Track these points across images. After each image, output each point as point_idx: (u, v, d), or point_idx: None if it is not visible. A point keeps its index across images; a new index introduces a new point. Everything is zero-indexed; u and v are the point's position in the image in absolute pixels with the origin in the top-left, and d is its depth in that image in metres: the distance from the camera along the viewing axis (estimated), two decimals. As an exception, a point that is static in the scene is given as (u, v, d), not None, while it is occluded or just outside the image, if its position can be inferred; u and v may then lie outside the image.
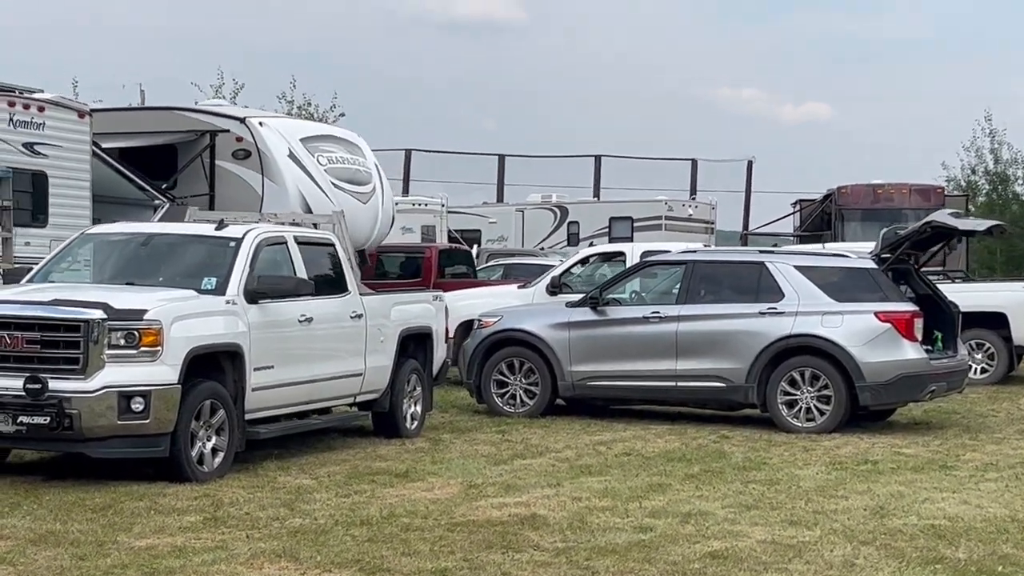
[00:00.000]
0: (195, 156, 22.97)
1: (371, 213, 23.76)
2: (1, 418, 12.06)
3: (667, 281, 18.49)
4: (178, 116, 23.55)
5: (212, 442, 12.81)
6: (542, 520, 10.97)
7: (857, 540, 10.43)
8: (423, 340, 16.66)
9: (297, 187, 22.52)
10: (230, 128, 22.93)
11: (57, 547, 9.69)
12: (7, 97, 18.56)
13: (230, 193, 22.70)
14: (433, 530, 10.52)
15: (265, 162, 22.59)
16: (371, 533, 10.36)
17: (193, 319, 12.66)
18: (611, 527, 10.77)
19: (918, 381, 17.01)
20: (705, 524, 10.94)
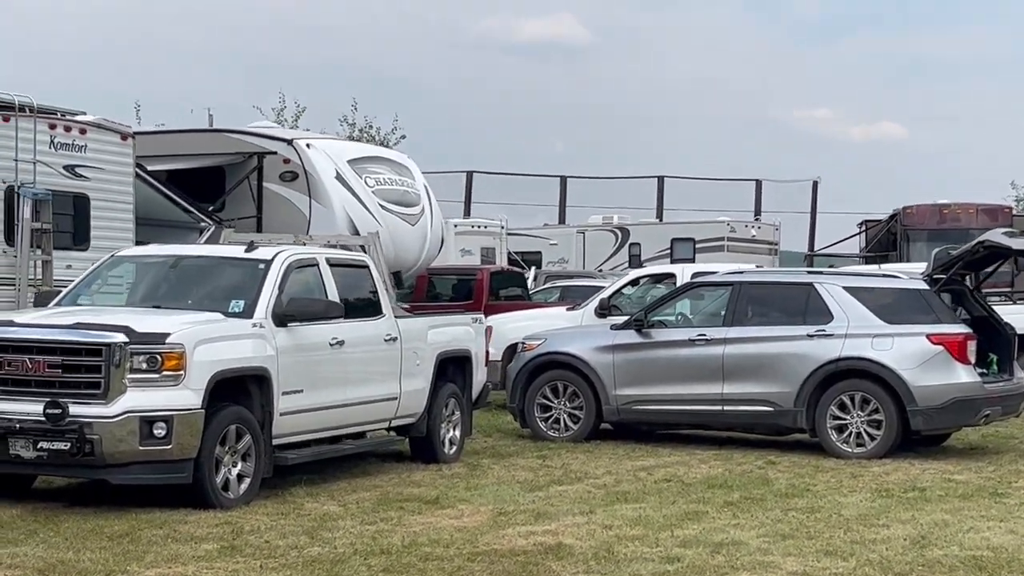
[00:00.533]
0: (242, 178, 22.78)
1: (419, 235, 23.51)
2: (22, 444, 11.88)
3: (714, 303, 18.13)
4: (226, 138, 23.41)
5: (238, 468, 12.56)
6: (568, 550, 10.64)
7: (892, 572, 10.06)
8: (462, 363, 16.37)
9: (344, 209, 22.30)
10: (277, 150, 22.76)
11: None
12: (48, 119, 18.41)
13: (277, 215, 22.51)
14: (453, 560, 10.21)
15: (312, 184, 22.39)
16: (389, 563, 10.07)
17: (218, 342, 12.43)
18: (638, 557, 10.43)
19: (971, 405, 16.58)
20: (736, 555, 10.58)
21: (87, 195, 18.82)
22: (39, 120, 18.14)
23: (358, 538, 11.03)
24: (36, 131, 17.93)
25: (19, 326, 12.42)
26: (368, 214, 22.52)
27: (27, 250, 17.55)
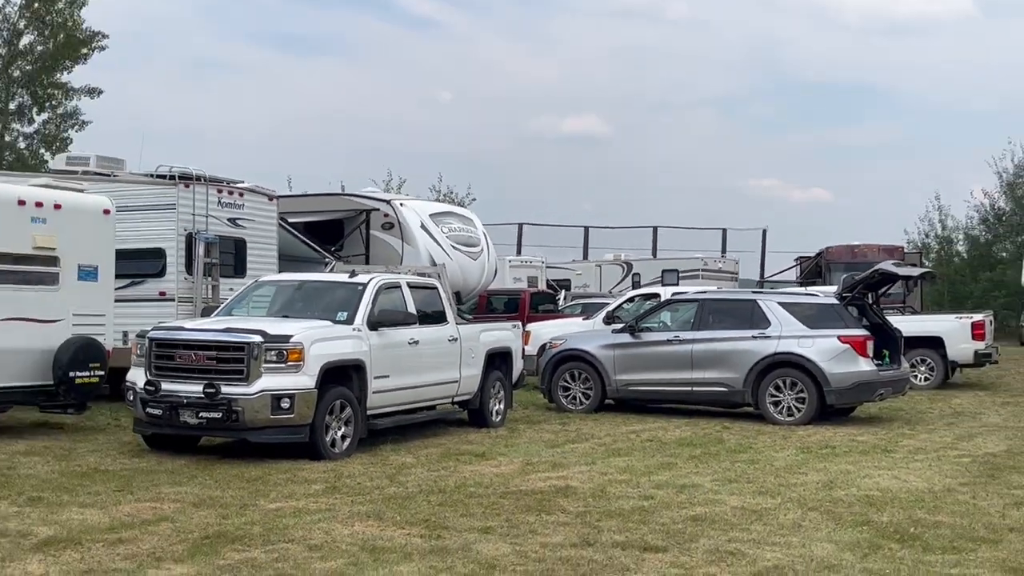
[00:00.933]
0: (355, 228, 22.62)
1: (479, 267, 23.22)
2: (189, 413, 11.70)
3: (686, 313, 17.71)
4: (345, 199, 23.28)
5: (342, 431, 12.29)
6: (573, 490, 10.32)
7: (807, 507, 9.67)
8: (505, 356, 16.05)
9: (426, 249, 22.06)
10: (380, 207, 22.56)
11: (211, 508, 9.22)
12: (216, 185, 18.28)
13: (379, 253, 22.29)
14: (489, 497, 9.91)
15: (404, 231, 22.18)
16: (443, 499, 9.78)
17: (327, 342, 12.19)
18: (623, 496, 10.10)
19: (870, 387, 16.13)
20: (695, 494, 10.23)
21: (244, 239, 18.64)
22: (210, 186, 18.00)
23: (423, 481, 10.75)
24: (208, 194, 17.78)
25: (187, 330, 12.22)
26: (443, 252, 22.27)
27: (201, 278, 17.41)
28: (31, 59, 38.65)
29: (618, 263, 46.01)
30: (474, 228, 23.73)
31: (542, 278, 40.26)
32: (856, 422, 16.61)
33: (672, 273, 43.80)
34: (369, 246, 22.51)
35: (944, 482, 11.02)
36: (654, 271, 44.78)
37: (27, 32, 38.47)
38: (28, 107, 39.17)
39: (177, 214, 17.46)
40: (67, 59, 38.92)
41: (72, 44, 38.43)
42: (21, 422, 14.82)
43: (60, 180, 15.52)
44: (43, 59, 38.65)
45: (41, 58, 38.62)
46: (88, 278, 14.18)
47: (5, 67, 38.24)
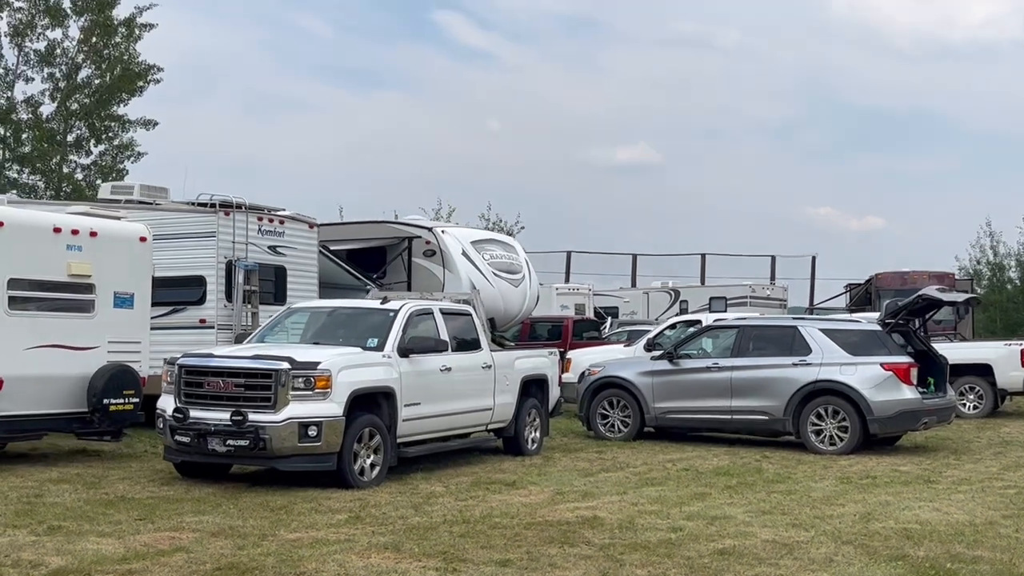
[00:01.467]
0: (397, 255, 22.39)
1: (521, 293, 22.88)
2: (217, 441, 11.47)
3: (725, 340, 17.29)
4: (388, 227, 23.04)
5: (371, 459, 12.02)
6: (600, 521, 9.95)
7: (841, 540, 9.22)
8: (541, 384, 15.72)
9: (468, 276, 21.76)
10: (422, 235, 22.31)
11: (229, 538, 8.95)
12: (256, 213, 18.15)
13: (421, 280, 22.04)
14: (514, 528, 9.56)
15: (445, 258, 21.91)
16: (466, 530, 9.45)
17: (355, 368, 11.93)
18: (651, 527, 9.71)
19: (914, 415, 15.59)
20: (726, 526, 9.81)
21: (285, 267, 18.49)
22: (250, 214, 17.88)
23: (449, 511, 10.42)
24: (248, 222, 17.66)
25: (216, 357, 12.02)
26: (484, 279, 21.97)
27: (240, 305, 17.27)
28: (88, 92, 38.95)
29: (666, 290, 45.71)
30: (516, 255, 23.42)
31: (589, 305, 40.07)
32: (900, 451, 16.07)
33: (720, 300, 43.46)
34: (411, 273, 22.26)
35: (987, 514, 10.52)
36: (702, 298, 44.41)
37: (85, 66, 38.79)
38: (86, 139, 39.47)
39: (217, 242, 17.34)
40: (124, 92, 39.17)
41: (128, 77, 38.68)
42: (60, 449, 14.72)
43: (97, 208, 15.45)
44: (100, 92, 38.94)
45: (98, 91, 38.91)
46: (124, 305, 14.04)
47: (64, 100, 38.57)
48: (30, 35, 37.94)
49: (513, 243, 23.94)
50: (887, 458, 15.10)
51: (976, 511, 10.72)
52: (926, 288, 16.64)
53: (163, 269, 17.61)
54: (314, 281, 19.24)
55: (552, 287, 41.39)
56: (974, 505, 11.08)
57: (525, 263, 23.67)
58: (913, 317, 16.75)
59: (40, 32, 38.05)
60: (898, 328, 16.51)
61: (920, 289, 20.03)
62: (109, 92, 38.79)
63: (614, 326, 35.67)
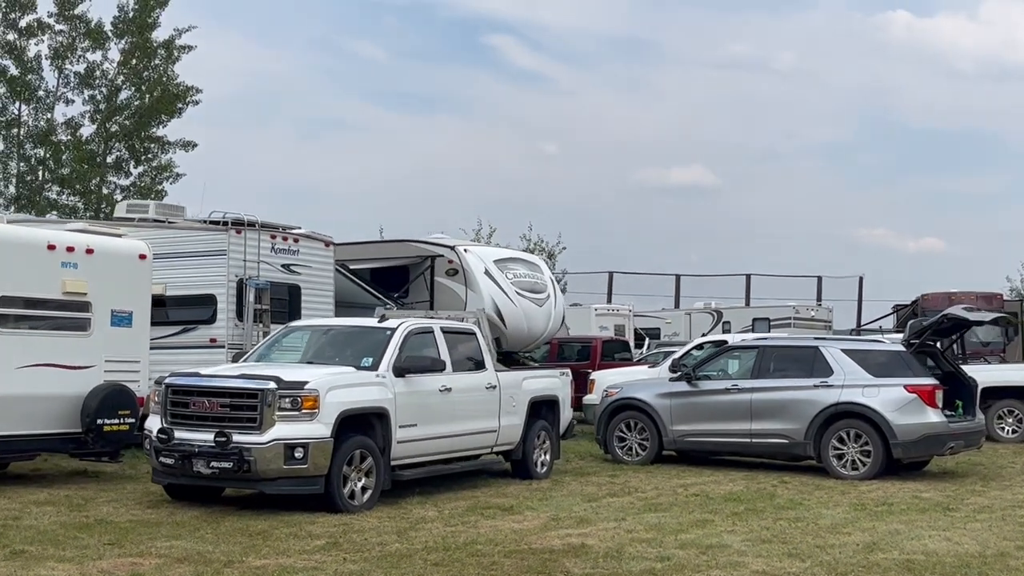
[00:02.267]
0: (419, 274, 22.04)
1: (545, 313, 22.39)
2: (201, 463, 11.13)
3: (745, 361, 16.75)
4: (410, 246, 22.67)
5: (362, 482, 11.62)
6: (587, 549, 9.48)
7: (835, 572, 8.69)
8: (552, 405, 15.27)
9: (490, 295, 21.33)
10: (444, 254, 21.94)
11: (192, 564, 8.59)
12: (269, 231, 17.90)
13: (443, 299, 21.67)
14: (493, 556, 9.12)
15: (468, 277, 21.51)
16: (442, 558, 9.02)
17: (345, 388, 11.55)
18: (638, 556, 9.22)
19: (939, 439, 14.94)
20: (718, 555, 9.30)
21: (299, 285, 18.20)
22: (263, 232, 17.63)
23: (434, 537, 10.00)
24: (260, 240, 17.40)
25: (202, 376, 11.70)
26: (507, 298, 21.54)
27: (251, 324, 16.97)
28: (128, 114, 39.15)
29: (708, 311, 45.12)
30: (541, 274, 22.97)
31: (630, 326, 39.55)
32: (926, 477, 15.43)
33: (763, 322, 42.81)
34: (433, 292, 21.91)
35: (1000, 545, 9.91)
36: (745, 319, 43.76)
37: (124, 87, 39.00)
38: (125, 160, 39.65)
39: (228, 260, 17.08)
40: (163, 113, 39.33)
41: (167, 99, 38.83)
42: (62, 470, 14.49)
43: (96, 225, 15.25)
44: (140, 113, 39.12)
45: (138, 112, 39.10)
46: (122, 324, 13.80)
47: (104, 122, 38.78)
48: (70, 57, 38.23)
49: (538, 262, 23.49)
50: (910, 484, 14.48)
51: (990, 541, 10.12)
52: (951, 307, 16.00)
53: (174, 288, 17.44)
54: (330, 300, 18.95)
55: (591, 308, 40.94)
56: (989, 535, 10.47)
57: (550, 282, 23.22)
58: (939, 338, 16.10)
59: (80, 55, 38.35)
60: (924, 349, 15.88)
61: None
62: (148, 113, 38.99)
63: (652, 347, 35.17)
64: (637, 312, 45.81)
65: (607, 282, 54.13)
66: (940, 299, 40.04)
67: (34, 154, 38.08)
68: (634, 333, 40.01)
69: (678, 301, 54.43)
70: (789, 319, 42.40)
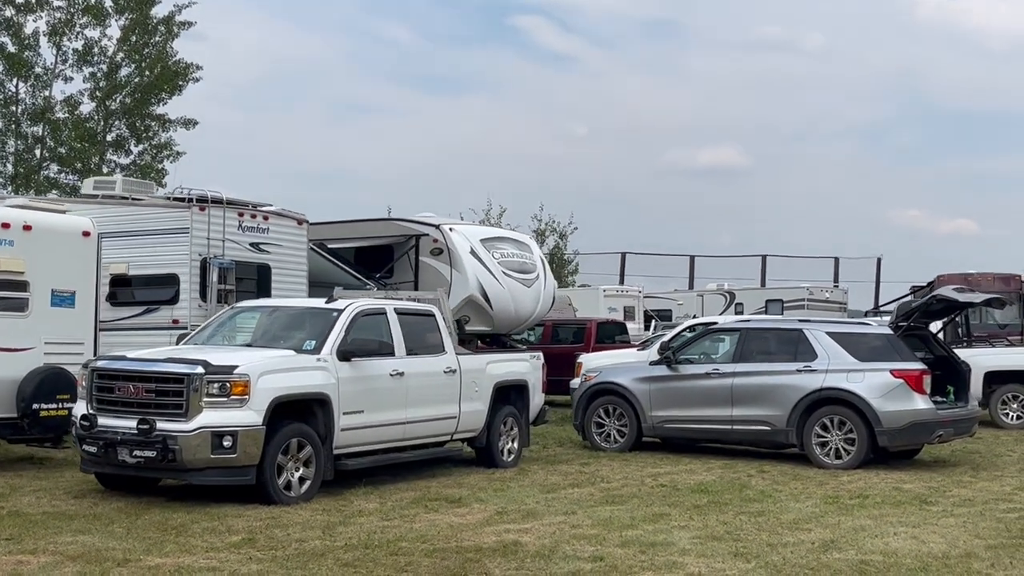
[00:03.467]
0: (403, 253, 21.40)
1: (533, 295, 21.68)
2: (125, 451, 10.51)
3: (727, 344, 16.00)
4: (395, 224, 22.00)
5: (300, 472, 10.99)
6: (520, 547, 8.80)
7: (782, 574, 7.97)
8: (520, 390, 14.60)
9: (475, 275, 20.66)
10: (429, 233, 21.25)
11: (84, 563, 7.98)
12: (237, 208, 17.27)
13: (428, 280, 20.98)
14: (413, 555, 8.47)
15: (452, 257, 20.82)
16: (358, 556, 8.37)
17: (280, 373, 10.89)
18: (571, 555, 8.53)
19: (926, 427, 14.16)
20: (657, 555, 8.61)
21: (269, 265, 17.58)
22: (229, 209, 17.00)
23: (362, 533, 9.34)
24: (226, 218, 16.77)
25: (128, 360, 11.08)
26: (493, 278, 20.85)
27: (215, 304, 16.32)
28: (129, 91, 38.60)
29: (720, 292, 44.59)
30: (530, 254, 22.25)
31: (639, 308, 38.93)
32: (915, 466, 14.69)
33: (776, 303, 42.19)
34: (418, 272, 21.24)
35: (970, 544, 9.17)
36: (758, 301, 43.18)
37: (124, 64, 38.43)
38: (125, 139, 39.12)
39: (191, 238, 16.46)
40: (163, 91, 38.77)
41: (167, 76, 38.25)
42: (12, 455, 13.94)
43: (39, 201, 14.65)
44: (140, 91, 38.57)
45: (138, 89, 38.54)
46: (63, 304, 13.19)
47: (103, 99, 38.25)
48: (68, 34, 37.69)
49: (528, 241, 22.78)
50: (895, 474, 13.74)
51: (960, 540, 9.37)
52: (941, 288, 15.17)
53: (137, 267, 16.91)
54: (303, 280, 18.30)
55: (599, 289, 40.27)
56: (961, 532, 9.72)
57: (540, 262, 22.50)
58: (931, 320, 15.31)
59: (79, 31, 37.80)
60: (915, 332, 15.10)
61: (986, 292, 18.48)
62: (148, 91, 38.43)
63: (658, 328, 34.47)
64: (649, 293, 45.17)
65: (620, 263, 53.45)
66: (955, 280, 38.96)
67: (31, 132, 37.64)
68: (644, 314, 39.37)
69: (692, 282, 53.77)
70: (803, 300, 41.76)
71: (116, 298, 17.01)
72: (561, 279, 53.22)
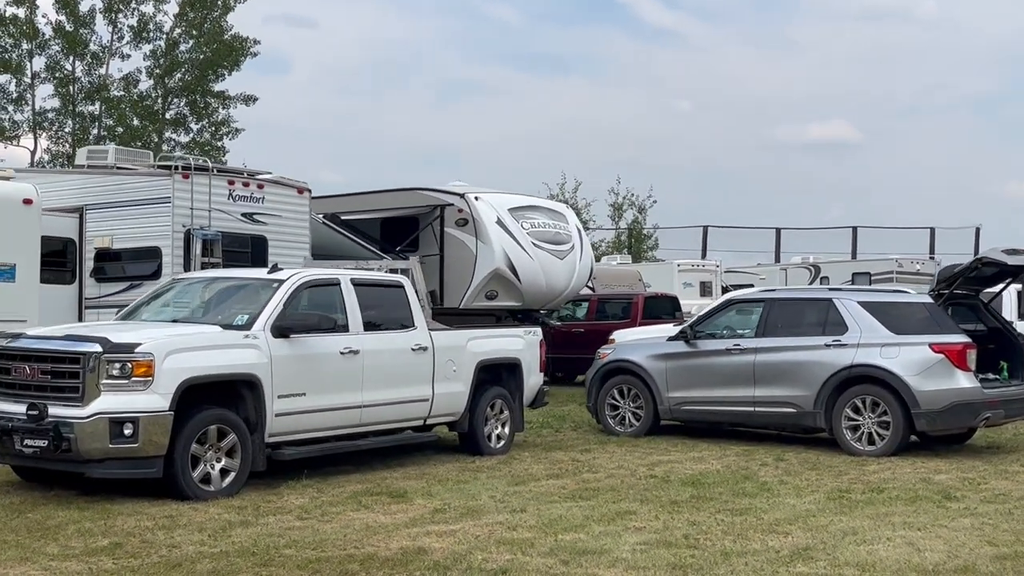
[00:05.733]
0: (427, 224, 20.06)
1: (568, 267, 20.17)
2: (19, 440, 9.35)
3: (750, 317, 14.34)
4: (419, 194, 20.61)
5: (222, 463, 9.72)
6: (421, 555, 7.40)
7: (711, 596, 6.45)
8: (512, 369, 13.16)
9: (502, 246, 19.23)
10: (454, 203, 19.85)
11: None
12: (227, 177, 16.13)
13: (453, 252, 19.63)
14: (285, 565, 7.11)
15: (478, 228, 19.40)
16: (219, 567, 7.07)
17: (193, 352, 9.60)
18: (474, 567, 7.10)
19: (970, 408, 12.36)
20: (579, 566, 7.14)
21: (264, 236, 16.40)
22: (219, 178, 15.86)
23: (256, 536, 8.03)
24: (212, 186, 15.62)
25: (25, 338, 9.91)
26: (521, 250, 19.40)
27: (200, 279, 15.20)
28: (187, 68, 38.00)
29: (805, 266, 42.42)
30: (565, 224, 20.71)
31: (717, 282, 37.23)
32: (962, 453, 12.95)
33: (864, 276, 40.02)
34: (443, 244, 19.89)
35: (975, 553, 7.50)
36: (844, 273, 40.97)
37: (182, 40, 37.83)
38: (183, 117, 38.55)
39: (173, 208, 15.35)
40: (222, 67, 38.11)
41: (223, 52, 37.54)
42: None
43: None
44: (199, 67, 37.93)
45: (197, 66, 37.90)
46: (2, 278, 12.14)
47: (162, 77, 37.69)
48: (124, 10, 37.20)
49: (564, 211, 21.18)
50: (933, 462, 12.01)
51: (966, 546, 7.71)
52: (987, 250, 13.31)
53: (121, 240, 15.92)
54: (304, 252, 17.08)
55: (673, 263, 38.57)
56: (971, 537, 8.04)
57: (577, 232, 20.95)
58: (981, 287, 13.48)
59: (134, 7, 37.29)
60: (962, 301, 13.28)
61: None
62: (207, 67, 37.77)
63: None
64: (731, 268, 43.39)
65: (702, 236, 51.49)
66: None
67: (88, 112, 37.23)
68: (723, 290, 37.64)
69: (778, 256, 51.62)
70: (892, 272, 39.52)
71: (103, 273, 16.07)
72: (639, 254, 51.57)
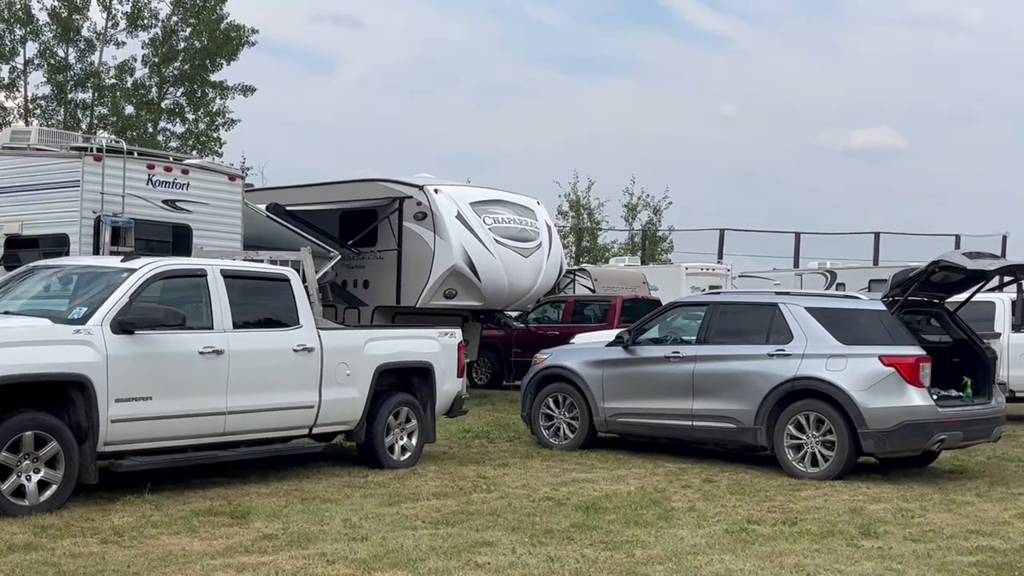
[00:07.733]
0: (384, 217, 18.90)
1: (533, 265, 18.96)
2: None
3: (692, 322, 13.02)
4: (378, 186, 19.48)
5: (40, 475, 8.56)
6: (185, 597, 6.20)
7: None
8: (423, 374, 11.93)
9: (460, 242, 18.09)
10: (413, 195, 18.72)
11: None
12: (147, 161, 15.03)
13: (411, 247, 18.54)
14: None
15: (436, 222, 18.27)
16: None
17: (9, 348, 8.42)
18: (232, 616, 5.89)
19: (923, 429, 10.97)
20: (362, 618, 5.89)
21: (189, 225, 15.29)
22: (135, 161, 14.77)
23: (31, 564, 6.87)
24: (128, 170, 14.52)
25: None
26: (482, 247, 18.26)
27: (110, 270, 14.09)
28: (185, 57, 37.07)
29: (821, 272, 40.99)
30: (533, 220, 19.49)
31: (727, 286, 35.84)
32: (919, 478, 11.58)
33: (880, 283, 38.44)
34: (401, 239, 18.74)
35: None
36: (861, 280, 39.38)
37: (179, 28, 36.91)
38: (179, 107, 37.64)
39: (82, 193, 14.28)
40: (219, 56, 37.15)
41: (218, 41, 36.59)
42: None
43: None
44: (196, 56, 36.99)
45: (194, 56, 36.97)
46: None
47: (158, 66, 36.78)
48: (118, -4, 36.29)
49: (532, 206, 19.90)
50: (876, 488, 10.69)
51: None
52: (947, 252, 11.91)
53: (31, 226, 14.89)
54: (236, 243, 15.94)
55: (681, 266, 37.30)
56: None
57: (545, 229, 19.72)
58: (944, 294, 12.08)
59: (129, -7, 36.37)
60: (923, 309, 11.91)
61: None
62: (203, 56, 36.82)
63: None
64: (745, 272, 42.08)
65: (718, 240, 50.00)
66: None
67: (80, 100, 36.39)
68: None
69: (797, 261, 50.13)
70: (912, 280, 38.00)
71: (16, 261, 15.00)
72: (653, 256, 50.16)
